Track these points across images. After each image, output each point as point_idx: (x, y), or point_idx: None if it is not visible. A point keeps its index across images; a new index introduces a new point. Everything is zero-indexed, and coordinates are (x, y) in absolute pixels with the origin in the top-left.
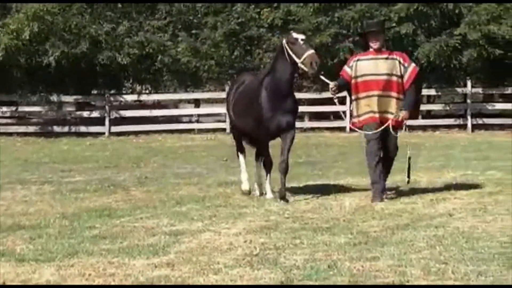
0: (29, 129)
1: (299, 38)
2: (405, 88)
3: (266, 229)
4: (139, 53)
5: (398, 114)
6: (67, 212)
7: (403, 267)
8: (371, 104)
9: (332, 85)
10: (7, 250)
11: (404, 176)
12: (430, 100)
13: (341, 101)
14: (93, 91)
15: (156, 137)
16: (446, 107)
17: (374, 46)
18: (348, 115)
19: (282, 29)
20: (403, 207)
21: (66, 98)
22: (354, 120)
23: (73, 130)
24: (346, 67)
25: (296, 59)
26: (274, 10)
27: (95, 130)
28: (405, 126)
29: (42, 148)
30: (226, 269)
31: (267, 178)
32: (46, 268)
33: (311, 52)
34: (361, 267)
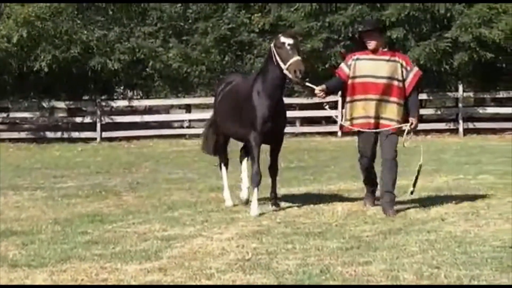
0: (21, 135)
1: (286, 42)
2: (407, 93)
3: (258, 234)
4: (130, 58)
5: (408, 127)
6: (59, 217)
7: (396, 272)
8: (368, 108)
9: (317, 90)
10: (0, 256)
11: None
12: (422, 104)
13: (332, 106)
14: (84, 97)
15: (147, 142)
16: (438, 111)
17: (370, 46)
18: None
19: (273, 34)
20: (398, 207)
21: (57, 104)
22: (345, 123)
23: (64, 136)
24: (343, 65)
25: (281, 65)
26: (265, 15)
27: (87, 136)
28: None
29: (34, 154)
30: (219, 274)
31: (255, 193)
32: (39, 273)
33: (296, 59)
34: (353, 272)
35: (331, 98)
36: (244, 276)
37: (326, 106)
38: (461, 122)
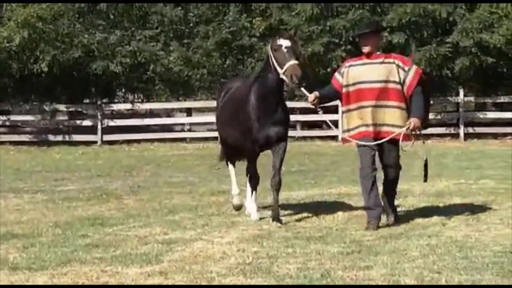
0: (21, 137)
1: (283, 45)
2: (407, 95)
3: (259, 238)
4: (131, 62)
5: (407, 126)
6: (60, 220)
7: (397, 276)
8: (364, 116)
9: (311, 98)
10: (0, 259)
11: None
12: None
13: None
14: (85, 100)
15: (148, 145)
16: (438, 116)
17: (364, 50)
18: (340, 126)
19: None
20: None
21: (58, 106)
22: (344, 134)
23: (65, 138)
24: (336, 74)
25: (278, 69)
26: (266, 19)
27: (88, 139)
28: (417, 136)
29: (34, 156)
30: (219, 278)
31: (252, 196)
32: (39, 276)
33: (292, 63)
34: (354, 276)
35: (332, 103)
36: (245, 280)
37: (320, 112)
38: (462, 126)
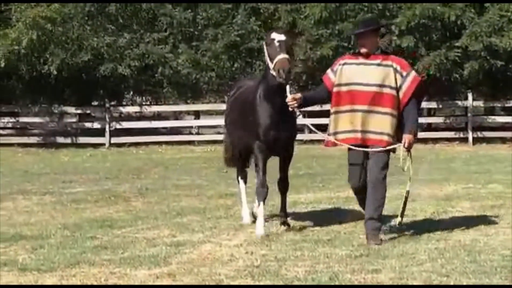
0: (30, 139)
1: (276, 39)
2: (402, 102)
3: (267, 240)
4: (140, 64)
5: (402, 143)
6: (68, 222)
7: (405, 280)
8: (355, 121)
9: (289, 98)
10: (9, 260)
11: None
12: (431, 113)
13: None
14: (93, 102)
15: (156, 148)
16: (447, 120)
17: (362, 50)
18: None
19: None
20: (405, 220)
21: (67, 109)
22: (329, 137)
23: (73, 141)
24: (329, 72)
25: (270, 64)
26: (275, 22)
27: (96, 141)
28: (408, 153)
29: (42, 159)
30: (228, 280)
31: (260, 207)
32: (49, 278)
33: (281, 56)
34: (362, 279)
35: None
36: (253, 282)
37: (299, 115)
38: (470, 131)
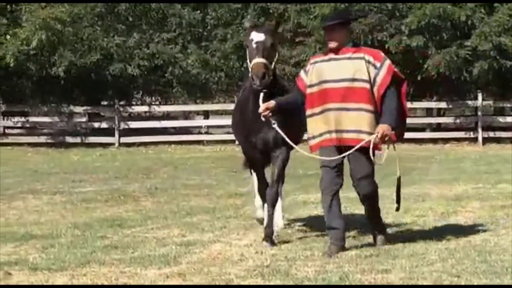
0: (40, 139)
1: (254, 39)
2: (379, 95)
3: (277, 240)
4: (149, 64)
5: (375, 135)
6: (79, 222)
7: (415, 280)
8: (328, 121)
9: (261, 108)
10: (20, 259)
11: (393, 202)
12: (441, 113)
13: None
14: (103, 102)
15: (165, 148)
16: (457, 120)
17: (331, 45)
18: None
19: (292, 41)
20: (415, 220)
21: (76, 109)
22: (310, 142)
23: (83, 140)
24: (302, 73)
25: (249, 67)
26: (284, 22)
27: (105, 141)
28: (388, 146)
29: (52, 158)
30: (238, 279)
31: (266, 210)
32: (59, 277)
33: (256, 61)
34: (372, 279)
35: None
36: (263, 282)
37: (274, 124)
38: (480, 131)
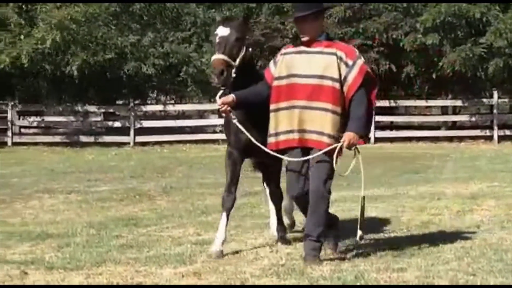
0: (55, 138)
1: (218, 34)
2: (348, 96)
3: (292, 239)
4: (164, 63)
5: (339, 142)
6: (94, 221)
7: (431, 279)
8: (292, 119)
9: (219, 102)
10: (36, 258)
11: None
12: (456, 111)
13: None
14: (118, 101)
15: (180, 147)
16: (472, 118)
17: (303, 38)
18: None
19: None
20: (430, 219)
21: (91, 108)
22: (270, 139)
23: (98, 140)
24: (271, 63)
25: None
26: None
27: (120, 140)
28: (355, 154)
29: (68, 157)
30: (253, 278)
31: (221, 217)
32: (75, 276)
33: (214, 57)
34: (388, 278)
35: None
36: (278, 281)
37: (235, 120)
38: (495, 129)
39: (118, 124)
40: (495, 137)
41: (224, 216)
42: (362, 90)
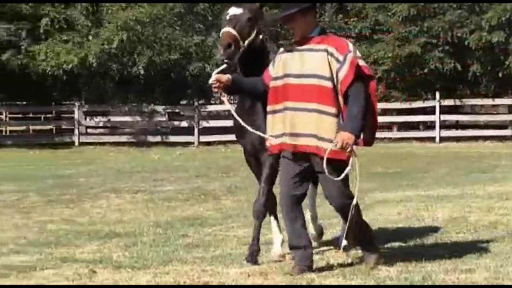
0: (121, 138)
1: (230, 13)
2: (341, 93)
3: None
4: None
5: (334, 144)
6: (160, 220)
7: (500, 280)
8: (285, 122)
9: (212, 79)
10: (104, 257)
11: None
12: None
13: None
14: (182, 101)
15: None
16: None
17: (296, 38)
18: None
19: (370, 38)
20: (498, 219)
21: (156, 108)
22: (269, 141)
23: (163, 139)
24: (270, 64)
25: None
26: (362, 19)
27: (185, 140)
28: (353, 158)
29: (134, 157)
30: (319, 279)
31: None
32: (142, 275)
33: (223, 30)
34: (456, 279)
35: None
36: (344, 281)
37: (224, 98)
38: None
39: (182, 124)
40: None
41: (272, 219)
42: (356, 85)
